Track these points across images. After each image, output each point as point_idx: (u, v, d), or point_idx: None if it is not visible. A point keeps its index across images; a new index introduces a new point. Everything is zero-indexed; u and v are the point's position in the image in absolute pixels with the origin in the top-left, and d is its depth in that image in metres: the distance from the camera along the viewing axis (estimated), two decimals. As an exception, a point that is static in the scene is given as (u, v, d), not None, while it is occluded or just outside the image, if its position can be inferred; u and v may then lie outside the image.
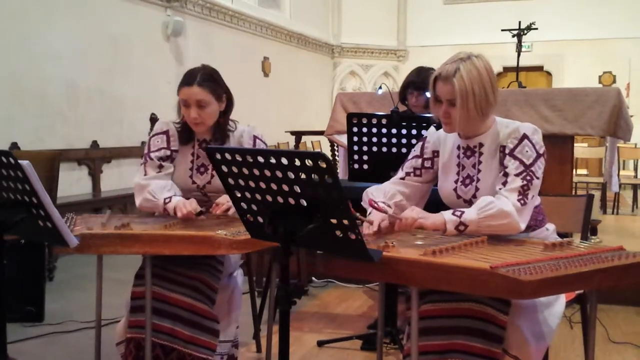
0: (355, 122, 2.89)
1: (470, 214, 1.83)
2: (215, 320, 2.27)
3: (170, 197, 2.31)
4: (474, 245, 1.77)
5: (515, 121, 1.99)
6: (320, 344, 3.10)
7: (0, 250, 1.95)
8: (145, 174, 2.40)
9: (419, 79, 3.21)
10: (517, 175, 1.86)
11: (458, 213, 1.84)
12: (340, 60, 12.49)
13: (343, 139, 4.38)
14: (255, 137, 2.48)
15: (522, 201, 1.84)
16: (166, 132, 2.46)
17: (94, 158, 6.05)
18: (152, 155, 2.42)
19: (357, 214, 1.87)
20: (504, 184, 1.88)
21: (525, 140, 1.90)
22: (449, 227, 1.83)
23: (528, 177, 1.86)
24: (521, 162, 1.88)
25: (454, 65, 1.88)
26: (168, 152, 2.43)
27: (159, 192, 2.33)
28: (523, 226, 1.84)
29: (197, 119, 2.35)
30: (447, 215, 1.85)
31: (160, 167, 2.41)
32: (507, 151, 1.91)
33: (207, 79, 2.37)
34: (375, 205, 1.94)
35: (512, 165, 1.88)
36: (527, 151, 1.89)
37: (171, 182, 2.42)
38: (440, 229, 1.84)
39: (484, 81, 1.88)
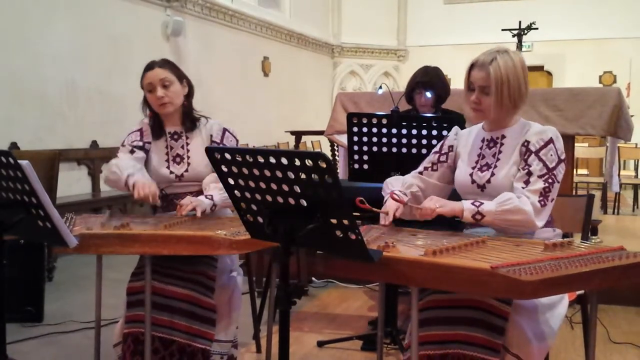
0: (355, 122, 2.88)
1: (488, 205, 1.88)
2: (213, 309, 2.30)
3: (134, 174, 2.38)
4: (474, 246, 1.77)
5: (537, 123, 2.04)
6: (321, 344, 3.09)
7: (0, 250, 1.94)
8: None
9: (427, 78, 3.21)
10: (540, 177, 1.91)
11: (477, 203, 1.90)
12: (340, 60, 12.48)
13: (343, 138, 4.37)
14: (225, 130, 2.57)
15: (542, 202, 1.89)
16: (140, 130, 2.58)
17: (94, 158, 6.05)
18: (125, 143, 2.54)
19: (373, 208, 1.94)
20: (526, 182, 1.92)
21: (551, 145, 1.95)
22: (466, 215, 1.89)
23: (550, 180, 1.91)
24: (545, 164, 1.93)
25: (492, 55, 1.94)
26: (140, 143, 2.54)
27: (124, 168, 2.41)
28: (540, 224, 1.89)
29: (164, 98, 2.45)
30: (466, 204, 1.91)
31: (132, 152, 2.51)
32: (532, 148, 1.95)
33: (166, 62, 2.51)
34: (396, 197, 2.01)
35: (537, 167, 1.93)
36: (551, 155, 1.94)
37: (140, 165, 2.49)
38: (458, 216, 1.91)
39: (519, 73, 1.94)
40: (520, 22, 6.89)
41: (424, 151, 2.74)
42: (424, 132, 2.76)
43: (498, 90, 1.92)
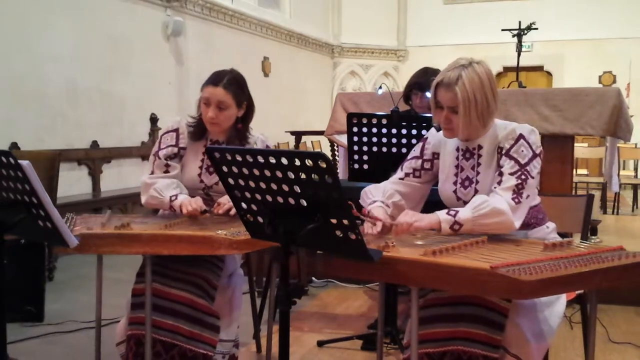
0: (355, 122, 2.89)
1: (464, 213, 1.83)
2: (216, 316, 2.30)
3: (177, 195, 2.35)
4: (474, 245, 1.77)
5: (513, 122, 2.00)
6: (320, 344, 3.10)
7: (0, 250, 1.95)
8: (152, 173, 2.44)
9: (424, 80, 3.20)
10: (511, 174, 1.87)
11: (452, 212, 1.84)
12: (340, 60, 12.49)
13: (343, 139, 4.37)
14: (267, 147, 2.56)
15: (516, 199, 1.84)
16: (176, 130, 2.50)
17: (94, 158, 6.05)
18: (161, 153, 2.45)
19: (360, 215, 1.86)
20: (499, 182, 1.89)
21: (522, 140, 1.90)
22: (444, 227, 1.82)
23: (523, 177, 1.86)
24: (516, 161, 1.88)
25: (456, 73, 1.88)
26: (175, 150, 2.47)
27: (165, 190, 2.37)
28: (517, 224, 1.84)
29: (213, 119, 2.40)
30: (442, 215, 1.84)
31: (167, 166, 2.44)
32: (503, 152, 1.92)
33: (233, 83, 2.43)
34: (370, 214, 1.93)
35: (507, 165, 1.89)
36: (522, 151, 1.89)
37: (177, 181, 2.44)
38: (435, 229, 1.85)
39: (486, 88, 1.89)
40: (520, 22, 6.89)
41: (423, 151, 2.74)
42: (424, 132, 2.77)
43: (466, 110, 1.88)
